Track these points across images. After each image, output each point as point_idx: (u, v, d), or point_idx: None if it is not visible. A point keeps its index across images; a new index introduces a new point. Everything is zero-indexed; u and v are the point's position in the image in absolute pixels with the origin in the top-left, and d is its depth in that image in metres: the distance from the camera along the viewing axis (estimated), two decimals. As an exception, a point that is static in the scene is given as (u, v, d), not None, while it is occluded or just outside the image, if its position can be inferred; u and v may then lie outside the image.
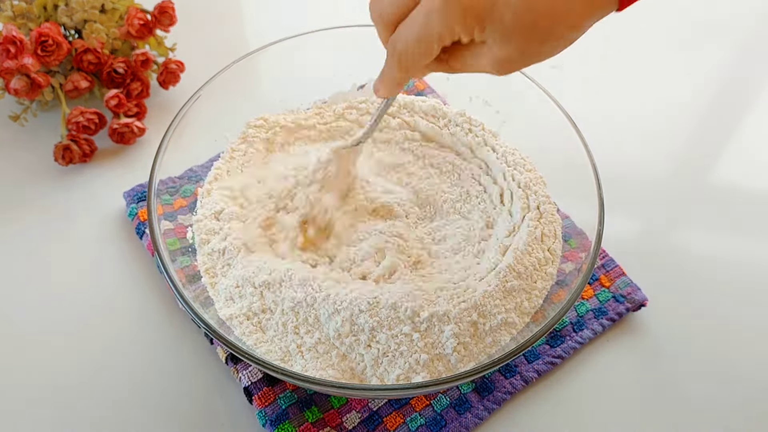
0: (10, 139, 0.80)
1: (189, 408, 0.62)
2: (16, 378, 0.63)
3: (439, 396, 0.61)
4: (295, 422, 0.59)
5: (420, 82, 0.83)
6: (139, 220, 0.71)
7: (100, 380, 0.63)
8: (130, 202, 0.73)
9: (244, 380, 0.61)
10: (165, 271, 0.56)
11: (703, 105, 0.91)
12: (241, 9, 1.02)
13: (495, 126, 0.73)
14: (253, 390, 0.60)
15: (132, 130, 0.79)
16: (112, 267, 0.71)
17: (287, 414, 0.59)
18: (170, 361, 0.64)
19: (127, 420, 0.61)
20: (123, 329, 0.66)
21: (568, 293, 0.58)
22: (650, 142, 0.85)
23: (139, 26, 0.80)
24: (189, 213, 0.68)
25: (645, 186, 0.80)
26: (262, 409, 0.59)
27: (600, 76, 0.92)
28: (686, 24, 1.00)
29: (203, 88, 0.67)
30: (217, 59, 0.71)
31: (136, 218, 0.72)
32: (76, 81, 0.78)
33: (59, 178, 0.77)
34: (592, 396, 0.64)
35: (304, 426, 0.59)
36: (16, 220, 0.74)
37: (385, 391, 0.56)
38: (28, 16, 0.79)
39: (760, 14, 1.02)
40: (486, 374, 0.60)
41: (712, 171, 0.83)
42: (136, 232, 0.72)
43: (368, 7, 0.50)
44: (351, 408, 0.60)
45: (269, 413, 0.59)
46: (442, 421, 0.60)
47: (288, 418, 0.59)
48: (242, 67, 0.70)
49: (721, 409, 0.64)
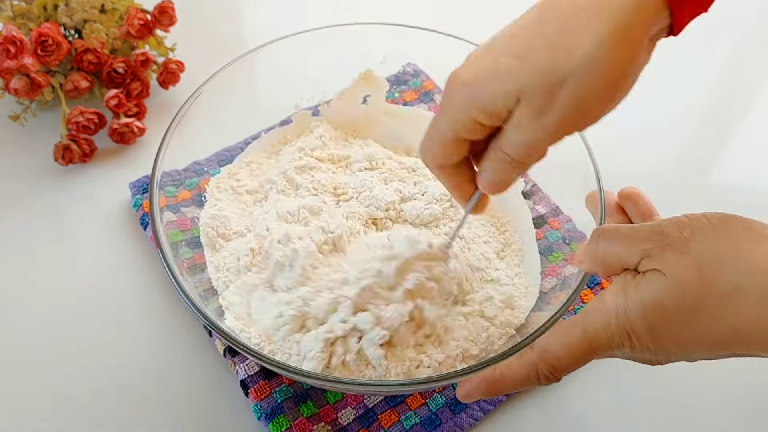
0: (10, 138, 0.81)
1: (186, 399, 0.62)
2: (19, 374, 0.64)
3: (435, 395, 0.62)
4: (290, 416, 0.59)
5: (428, 81, 0.85)
6: (144, 211, 0.73)
7: (100, 371, 0.64)
8: (135, 193, 0.74)
9: (240, 373, 0.61)
10: (163, 259, 0.57)
11: (704, 105, 0.92)
12: (241, 9, 1.03)
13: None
14: (250, 383, 0.61)
15: (132, 130, 0.80)
16: (114, 262, 0.71)
17: (282, 408, 0.60)
18: (170, 352, 0.65)
19: (124, 409, 0.62)
20: (124, 321, 0.67)
21: (566, 295, 0.58)
22: (651, 143, 0.86)
23: (139, 26, 0.81)
24: (193, 205, 0.69)
25: (646, 188, 0.80)
26: (258, 402, 0.60)
27: None
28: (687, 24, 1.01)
29: (208, 82, 0.68)
30: (217, 59, 0.72)
31: (141, 209, 0.73)
32: (76, 81, 0.79)
33: (59, 178, 0.78)
34: (590, 397, 0.65)
35: (299, 420, 0.59)
36: (15, 219, 0.74)
37: (381, 387, 0.56)
38: (28, 16, 0.80)
39: (760, 14, 1.03)
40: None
41: (714, 173, 0.84)
42: (141, 222, 0.73)
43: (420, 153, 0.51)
44: (346, 404, 0.61)
45: (265, 407, 0.60)
46: (436, 420, 0.61)
47: (283, 412, 0.60)
48: (248, 62, 0.71)
49: (720, 410, 0.64)
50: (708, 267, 0.43)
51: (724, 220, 0.45)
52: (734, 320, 0.43)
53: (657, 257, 0.45)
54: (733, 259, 0.43)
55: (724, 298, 0.43)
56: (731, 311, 0.43)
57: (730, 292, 0.43)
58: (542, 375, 0.50)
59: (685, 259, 0.44)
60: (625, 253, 0.48)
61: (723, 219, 0.45)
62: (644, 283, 0.46)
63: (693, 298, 0.44)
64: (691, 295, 0.44)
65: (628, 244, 0.48)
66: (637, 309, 0.46)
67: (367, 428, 0.60)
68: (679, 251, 0.45)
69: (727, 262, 0.43)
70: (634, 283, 0.47)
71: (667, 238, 0.46)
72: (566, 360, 0.49)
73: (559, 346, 0.49)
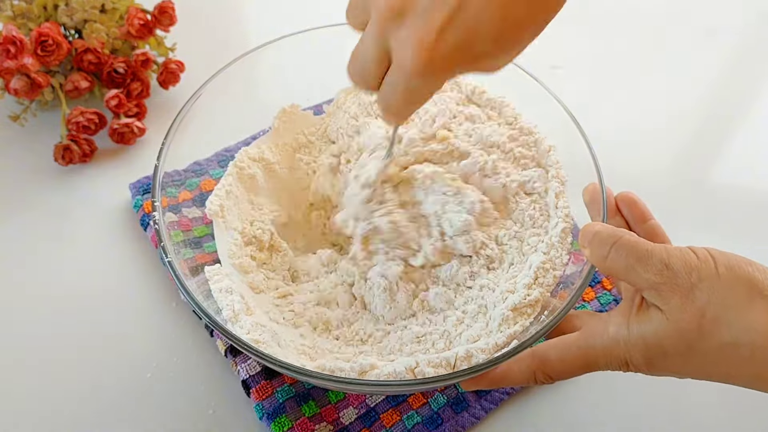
0: (10, 139, 0.82)
1: (187, 399, 0.63)
2: (20, 374, 0.64)
3: (437, 394, 0.63)
4: (292, 416, 0.60)
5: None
6: (144, 211, 0.74)
7: (100, 371, 0.65)
8: (136, 193, 0.75)
9: (242, 373, 0.62)
10: (165, 258, 0.57)
11: (704, 106, 0.93)
12: (241, 9, 1.04)
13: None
14: (251, 383, 0.62)
15: (132, 130, 0.80)
16: (114, 262, 0.72)
17: (284, 408, 0.61)
18: (171, 352, 0.66)
19: (125, 408, 0.63)
20: (124, 321, 0.68)
21: (569, 294, 0.58)
22: (652, 143, 0.87)
23: (139, 26, 0.81)
24: (193, 206, 0.69)
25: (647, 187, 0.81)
26: (260, 402, 0.61)
27: (600, 77, 0.93)
28: (687, 24, 1.02)
29: (209, 82, 0.68)
30: (217, 59, 0.72)
31: (141, 210, 0.74)
32: (76, 81, 0.80)
33: (59, 178, 0.78)
34: (590, 397, 0.66)
35: (301, 420, 0.60)
36: (15, 219, 0.75)
37: (383, 387, 0.57)
38: (28, 15, 0.81)
39: (760, 14, 1.04)
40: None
41: (714, 172, 0.85)
42: (141, 223, 0.74)
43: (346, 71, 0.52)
44: (348, 404, 0.62)
45: (266, 406, 0.61)
46: (438, 419, 0.62)
47: (285, 412, 0.61)
48: (248, 62, 0.72)
49: (720, 411, 0.65)
50: (708, 318, 0.47)
51: (730, 270, 0.48)
52: (727, 368, 0.49)
53: (664, 296, 0.49)
54: (732, 316, 0.47)
55: (721, 349, 0.48)
56: (725, 360, 0.48)
57: (726, 345, 0.47)
58: (539, 380, 0.56)
59: (689, 307, 0.48)
60: (632, 276, 0.51)
61: (729, 268, 0.48)
62: (647, 320, 0.51)
63: (690, 344, 0.48)
64: (688, 341, 0.48)
65: (638, 270, 0.50)
66: (638, 343, 0.51)
67: (369, 428, 0.61)
68: (685, 297, 0.48)
69: (726, 318, 0.47)
70: (636, 318, 0.51)
71: (675, 277, 0.49)
72: (563, 373, 0.55)
73: (558, 361, 0.55)
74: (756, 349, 0.47)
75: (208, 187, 0.72)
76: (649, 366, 0.51)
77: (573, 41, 0.94)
